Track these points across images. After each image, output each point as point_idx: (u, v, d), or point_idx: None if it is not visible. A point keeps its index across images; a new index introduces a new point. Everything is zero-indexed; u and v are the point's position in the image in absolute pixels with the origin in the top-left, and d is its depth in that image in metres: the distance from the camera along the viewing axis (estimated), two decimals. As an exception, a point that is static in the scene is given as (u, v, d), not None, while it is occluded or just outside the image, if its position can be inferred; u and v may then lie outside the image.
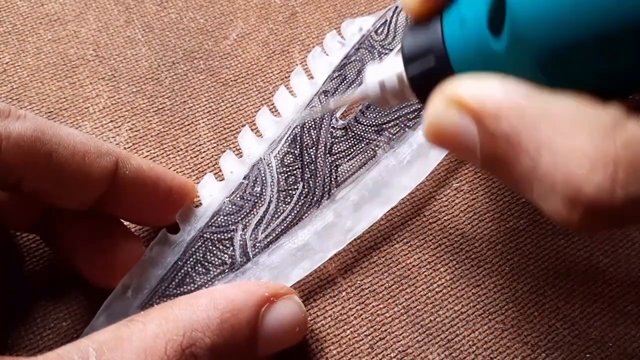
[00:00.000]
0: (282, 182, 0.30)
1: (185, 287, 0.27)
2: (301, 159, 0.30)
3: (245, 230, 0.29)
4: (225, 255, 0.28)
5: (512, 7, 0.18)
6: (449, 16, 0.22)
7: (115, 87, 0.34)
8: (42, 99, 0.33)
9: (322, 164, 0.30)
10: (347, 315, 0.28)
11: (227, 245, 0.28)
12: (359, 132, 0.31)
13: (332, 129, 0.31)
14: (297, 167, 0.30)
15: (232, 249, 0.28)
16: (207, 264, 0.28)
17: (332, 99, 0.27)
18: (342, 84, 0.32)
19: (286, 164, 0.30)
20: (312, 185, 0.30)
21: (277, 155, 0.30)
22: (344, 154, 0.31)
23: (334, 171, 0.30)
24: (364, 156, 0.31)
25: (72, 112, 0.33)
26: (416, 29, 0.23)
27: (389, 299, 0.29)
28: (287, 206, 0.29)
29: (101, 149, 0.25)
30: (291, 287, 0.27)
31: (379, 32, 0.34)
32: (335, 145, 0.31)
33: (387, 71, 0.24)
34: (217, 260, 0.28)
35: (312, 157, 0.30)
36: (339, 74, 0.32)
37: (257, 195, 0.29)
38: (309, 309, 0.28)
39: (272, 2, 0.37)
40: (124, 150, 0.28)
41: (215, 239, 0.28)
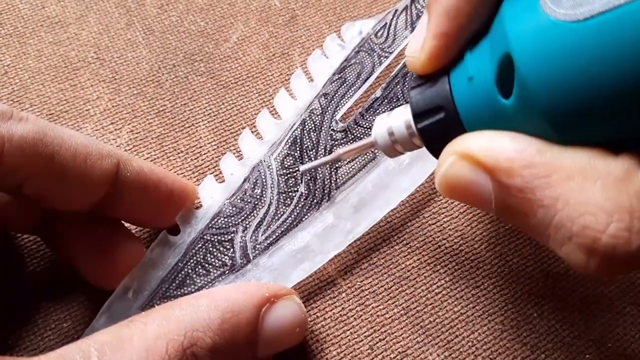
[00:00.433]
0: (282, 184, 0.30)
1: (185, 288, 0.27)
2: (301, 161, 0.30)
3: (245, 232, 0.29)
4: (225, 256, 0.28)
5: (521, 70, 0.19)
6: (456, 74, 0.22)
7: (116, 89, 0.34)
8: (43, 101, 0.33)
9: (322, 167, 0.30)
10: (347, 316, 0.28)
11: (228, 247, 0.28)
12: (359, 135, 0.31)
13: (332, 132, 0.31)
14: (297, 169, 0.30)
15: (232, 250, 0.28)
16: (207, 266, 0.28)
17: (340, 149, 0.27)
18: (342, 86, 0.32)
19: (286, 166, 0.30)
20: (312, 187, 0.30)
21: (278, 157, 0.30)
22: (343, 156, 0.31)
23: (333, 173, 0.30)
24: (363, 159, 0.31)
25: (73, 115, 0.33)
26: (423, 84, 0.23)
27: (388, 300, 0.29)
28: (287, 208, 0.29)
29: (102, 151, 0.25)
30: (291, 288, 0.27)
31: (379, 35, 0.34)
32: (335, 147, 0.31)
33: (395, 121, 0.24)
34: (217, 261, 0.28)
35: (312, 159, 0.31)
36: (339, 76, 0.33)
37: (258, 197, 0.29)
38: (309, 310, 0.28)
39: (272, 5, 0.37)
40: (125, 152, 0.28)
41: (215, 240, 0.28)
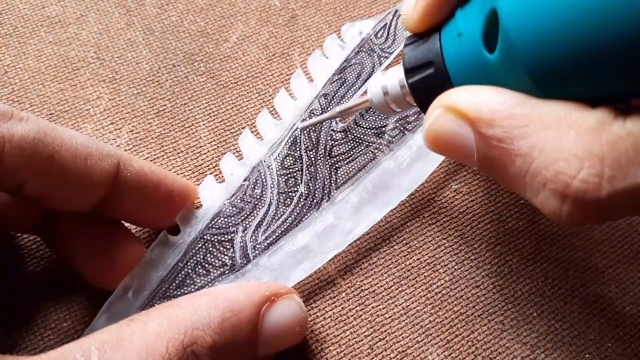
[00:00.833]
0: (282, 184, 0.30)
1: (185, 288, 0.27)
2: (301, 161, 0.30)
3: (245, 232, 0.29)
4: (225, 256, 0.28)
5: (505, 25, 0.19)
6: (446, 30, 0.23)
7: (116, 89, 0.34)
8: (43, 101, 0.33)
9: (322, 167, 0.30)
10: (347, 316, 0.28)
11: (228, 247, 0.28)
12: (359, 135, 0.31)
13: (332, 132, 0.31)
14: (297, 169, 0.30)
15: (232, 250, 0.28)
16: (207, 266, 0.28)
17: (338, 106, 0.28)
18: (342, 87, 0.32)
19: (286, 166, 0.30)
20: (312, 187, 0.30)
21: (277, 157, 0.30)
22: (343, 156, 0.31)
23: (333, 173, 0.31)
24: (363, 159, 0.31)
25: (73, 114, 0.33)
26: (416, 42, 0.24)
27: (388, 299, 0.29)
28: (287, 208, 0.29)
29: (103, 151, 0.25)
30: (291, 288, 0.27)
31: (379, 35, 0.34)
32: (335, 147, 0.31)
33: (390, 79, 0.25)
34: (217, 261, 0.28)
35: (312, 159, 0.31)
36: (339, 77, 0.33)
37: (258, 197, 0.29)
38: (309, 310, 0.28)
39: (272, 5, 0.37)
40: (125, 152, 0.28)
41: (215, 240, 0.28)
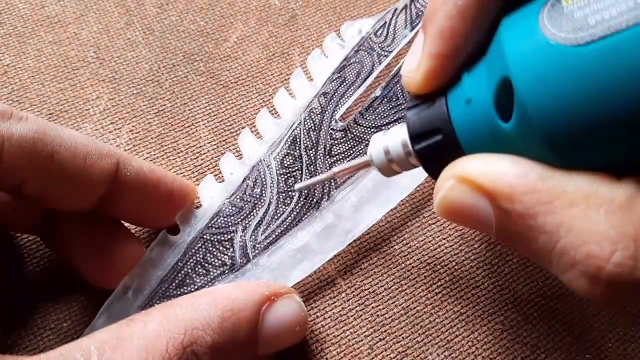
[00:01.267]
0: (281, 184, 0.30)
1: (185, 288, 0.27)
2: (301, 160, 0.30)
3: (245, 231, 0.29)
4: (225, 256, 0.28)
5: (521, 95, 0.18)
6: (453, 96, 0.22)
7: (115, 89, 0.34)
8: (43, 100, 0.33)
9: (321, 166, 0.30)
10: (347, 316, 0.28)
11: (227, 246, 0.28)
12: (359, 134, 0.31)
13: (331, 131, 0.31)
14: (296, 168, 0.30)
15: (232, 250, 0.28)
16: (207, 265, 0.28)
17: (335, 167, 0.27)
18: (342, 85, 0.32)
19: (286, 165, 0.30)
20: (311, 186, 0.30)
21: (277, 156, 0.30)
22: (343, 155, 0.31)
23: (333, 173, 0.30)
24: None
25: (72, 114, 0.33)
26: (419, 105, 0.23)
27: (388, 299, 0.29)
28: (287, 207, 0.29)
29: (102, 150, 0.25)
30: (291, 287, 0.27)
31: (378, 34, 0.34)
32: (334, 147, 0.31)
33: (391, 140, 0.24)
34: (217, 261, 0.28)
35: (312, 158, 0.30)
36: (339, 75, 0.33)
37: (257, 196, 0.29)
38: (309, 310, 0.28)
39: (272, 5, 0.37)
40: (124, 152, 0.28)
41: (215, 240, 0.28)
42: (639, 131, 0.17)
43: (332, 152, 0.31)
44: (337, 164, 0.31)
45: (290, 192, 0.30)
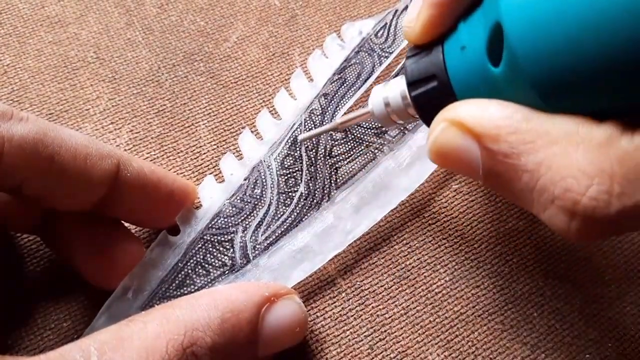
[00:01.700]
0: (282, 184, 0.30)
1: (185, 288, 0.27)
2: (301, 161, 0.30)
3: (245, 232, 0.29)
4: (225, 257, 0.28)
5: (510, 38, 0.19)
6: (449, 43, 0.23)
7: (115, 89, 0.34)
8: (43, 100, 0.33)
9: (322, 166, 0.30)
10: (347, 316, 0.28)
11: (227, 247, 0.28)
12: (359, 135, 0.31)
13: (332, 132, 0.31)
14: (297, 169, 0.30)
15: (232, 250, 0.28)
16: (207, 266, 0.28)
17: (338, 118, 0.28)
18: (342, 86, 0.32)
19: (286, 166, 0.30)
20: (312, 187, 0.30)
21: (277, 157, 0.30)
22: (343, 156, 0.31)
23: (333, 173, 0.30)
24: (363, 158, 0.31)
25: (72, 114, 0.33)
26: (418, 53, 0.24)
27: (388, 299, 0.29)
28: (287, 208, 0.29)
29: (103, 151, 0.25)
30: (291, 288, 0.27)
31: (379, 35, 0.34)
32: (335, 147, 0.31)
33: (391, 91, 0.25)
34: (217, 262, 0.28)
35: (312, 159, 0.31)
36: (339, 76, 0.33)
37: (257, 197, 0.29)
38: (309, 310, 0.28)
39: (272, 5, 0.37)
40: (125, 152, 0.28)
41: (215, 240, 0.28)
42: (624, 77, 0.18)
43: (333, 153, 0.31)
44: (337, 165, 0.31)
45: (290, 193, 0.30)
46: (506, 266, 0.30)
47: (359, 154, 0.31)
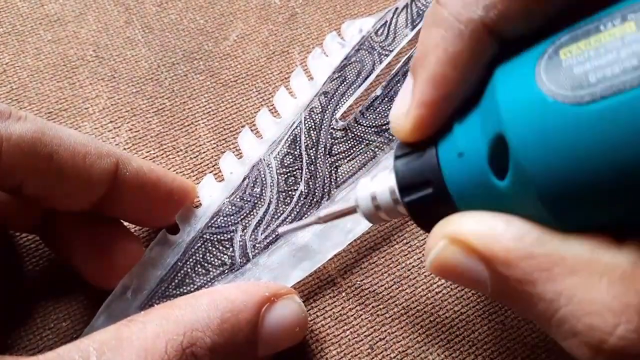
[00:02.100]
0: (282, 183, 0.30)
1: (184, 287, 0.27)
2: (301, 159, 0.30)
3: (245, 231, 0.29)
4: (225, 256, 0.28)
5: (517, 155, 0.18)
6: (444, 147, 0.21)
7: (115, 87, 0.34)
8: (42, 99, 0.33)
9: (322, 165, 0.30)
10: (347, 315, 0.28)
11: (227, 246, 0.28)
12: (359, 133, 0.31)
13: (332, 130, 0.31)
14: (297, 168, 0.30)
15: (231, 249, 0.28)
16: (206, 265, 0.28)
17: (322, 210, 0.26)
18: (342, 85, 0.32)
19: (286, 164, 0.30)
20: (312, 186, 0.30)
21: (277, 156, 0.30)
22: (344, 155, 0.31)
23: (334, 172, 0.30)
24: (364, 157, 0.31)
25: (71, 113, 0.33)
26: (409, 154, 0.22)
27: (388, 299, 0.29)
28: (287, 207, 0.29)
29: (102, 150, 0.25)
30: (291, 287, 0.27)
31: (379, 33, 0.34)
32: (335, 146, 0.31)
33: (379, 187, 0.23)
34: (216, 261, 0.28)
35: (312, 158, 0.30)
36: (339, 75, 0.32)
37: (257, 196, 0.29)
38: (309, 310, 0.28)
39: (271, 3, 0.37)
40: (124, 151, 0.28)
41: (215, 239, 0.28)
42: (638, 194, 0.17)
43: (333, 152, 0.31)
44: (337, 163, 0.30)
45: (290, 192, 0.30)
46: (507, 265, 0.30)
47: (359, 153, 0.31)
